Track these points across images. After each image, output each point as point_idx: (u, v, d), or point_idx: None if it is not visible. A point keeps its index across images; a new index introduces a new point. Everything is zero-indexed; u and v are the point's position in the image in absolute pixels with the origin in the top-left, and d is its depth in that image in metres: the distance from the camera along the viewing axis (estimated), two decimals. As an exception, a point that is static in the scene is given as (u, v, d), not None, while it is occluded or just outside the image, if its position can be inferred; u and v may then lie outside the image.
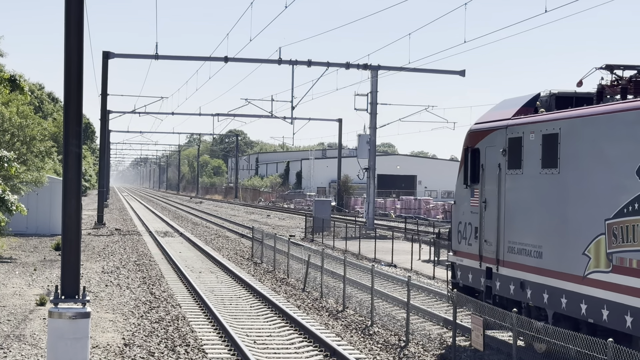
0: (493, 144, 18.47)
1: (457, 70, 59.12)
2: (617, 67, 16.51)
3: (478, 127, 19.41)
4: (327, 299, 25.88)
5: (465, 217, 19.78)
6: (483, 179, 18.93)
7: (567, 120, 15.88)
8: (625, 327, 13.78)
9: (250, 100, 72.34)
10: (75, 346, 13.22)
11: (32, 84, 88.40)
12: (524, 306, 17.07)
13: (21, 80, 28.22)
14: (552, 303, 15.93)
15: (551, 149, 16.22)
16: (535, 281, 16.51)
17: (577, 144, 15.50)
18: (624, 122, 14.23)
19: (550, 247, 16.13)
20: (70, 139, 13.67)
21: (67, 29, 13.59)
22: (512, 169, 17.66)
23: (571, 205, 15.57)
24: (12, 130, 40.53)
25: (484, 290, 18.60)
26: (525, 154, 17.17)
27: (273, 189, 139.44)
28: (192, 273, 32.37)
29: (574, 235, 15.37)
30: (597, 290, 14.60)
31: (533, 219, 16.87)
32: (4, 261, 34.60)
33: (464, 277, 19.68)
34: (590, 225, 14.89)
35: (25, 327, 19.93)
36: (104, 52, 60.04)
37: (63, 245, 13.81)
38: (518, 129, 17.47)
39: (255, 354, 17.76)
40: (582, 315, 15.01)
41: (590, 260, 14.85)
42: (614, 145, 14.50)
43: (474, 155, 19.37)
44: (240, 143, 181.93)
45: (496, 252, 18.09)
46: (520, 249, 17.19)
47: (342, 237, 49.05)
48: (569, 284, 15.38)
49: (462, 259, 19.88)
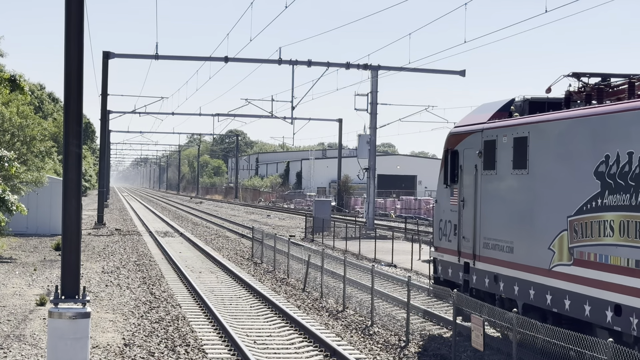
0: (470, 146, 19.56)
1: (457, 70, 59.11)
2: (584, 75, 17.57)
3: (457, 130, 20.52)
4: (327, 299, 25.88)
5: (445, 215, 20.87)
6: (461, 179, 20.06)
7: (535, 125, 16.97)
8: (584, 316, 14.95)
9: (251, 100, 72.36)
10: (75, 346, 13.22)
11: (33, 84, 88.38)
12: (497, 298, 18.13)
13: (21, 80, 28.25)
14: (521, 295, 17.02)
15: (521, 151, 17.33)
16: (507, 274, 17.63)
17: (543, 147, 16.61)
18: (584, 127, 15.37)
19: (520, 242, 17.25)
20: (71, 139, 13.67)
21: (67, 29, 13.59)
22: (487, 170, 18.77)
23: (538, 203, 16.68)
24: (12, 130, 40.54)
25: (462, 284, 19.69)
26: (498, 155, 18.29)
27: (273, 189, 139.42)
28: (192, 273, 32.37)
29: (541, 231, 16.46)
30: (561, 282, 15.73)
31: (505, 217, 17.97)
32: (4, 261, 34.60)
33: (445, 272, 20.82)
34: (555, 222, 15.97)
35: (25, 327, 19.94)
36: (104, 52, 60.03)
37: (63, 245, 13.81)
38: (492, 132, 18.58)
39: (255, 354, 17.76)
40: (548, 306, 16.07)
41: (555, 254, 15.94)
42: (574, 148, 15.60)
43: (453, 156, 20.50)
44: (240, 143, 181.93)
45: (473, 247, 19.20)
46: (494, 245, 18.30)
47: (342, 237, 49.04)
48: (537, 277, 16.51)
49: (442, 255, 21.00)
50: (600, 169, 14.76)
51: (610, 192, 14.47)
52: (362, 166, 58.71)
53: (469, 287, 19.41)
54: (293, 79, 75.42)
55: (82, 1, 13.65)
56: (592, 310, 14.73)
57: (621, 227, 14.13)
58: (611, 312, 14.28)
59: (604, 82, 17.21)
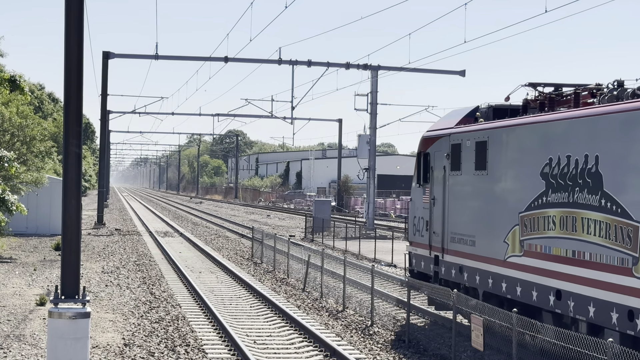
0: (440, 149, 21.38)
1: (457, 70, 59.09)
2: (539, 85, 19.10)
3: (429, 134, 22.37)
4: (327, 299, 25.88)
5: (418, 212, 22.79)
6: (432, 179, 21.91)
7: (493, 130, 18.77)
8: (532, 301, 16.80)
9: (250, 100, 72.35)
10: (75, 346, 13.22)
11: (32, 84, 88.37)
12: (462, 287, 19.91)
13: (21, 80, 28.22)
14: (482, 283, 18.95)
15: (482, 154, 19.15)
16: (470, 265, 19.56)
17: (500, 150, 18.46)
18: (531, 133, 17.22)
19: (481, 236, 19.17)
20: (70, 139, 13.66)
21: (67, 29, 13.59)
22: (454, 171, 20.59)
23: (496, 201, 18.60)
24: (12, 130, 40.54)
25: (433, 275, 21.58)
26: (463, 158, 20.08)
27: (273, 189, 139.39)
28: (192, 273, 32.37)
29: (498, 226, 18.32)
30: (513, 271, 17.61)
31: (469, 213, 19.87)
32: (4, 261, 34.59)
33: (418, 265, 22.73)
34: (509, 217, 17.84)
35: (25, 327, 19.94)
36: (104, 52, 60.01)
37: (63, 245, 13.81)
38: (458, 136, 20.36)
39: (255, 354, 17.76)
40: (503, 293, 17.99)
41: (509, 247, 17.83)
42: (525, 152, 17.42)
43: (425, 158, 22.34)
44: (240, 143, 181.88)
45: (442, 242, 21.09)
46: (460, 239, 20.19)
47: (342, 237, 49.03)
48: (494, 267, 18.42)
49: (416, 249, 22.90)
50: (545, 170, 16.52)
51: (553, 190, 16.26)
52: (362, 166, 58.69)
53: (438, 278, 21.22)
54: (293, 79, 75.46)
55: (82, 1, 13.65)
56: (539, 296, 16.59)
57: (561, 222, 15.96)
58: (553, 297, 16.10)
59: (556, 91, 18.67)
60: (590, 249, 15.09)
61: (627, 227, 14.11)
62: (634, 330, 13.76)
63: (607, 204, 14.66)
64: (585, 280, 15.10)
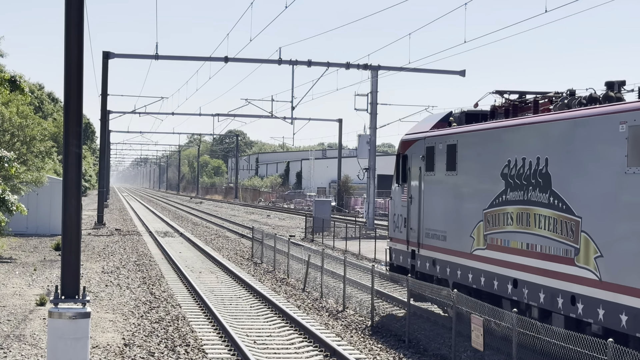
0: (416, 151, 23.03)
1: (457, 70, 59.09)
2: (505, 92, 20.58)
3: (407, 137, 23.97)
4: (327, 299, 25.87)
5: (397, 210, 24.49)
6: (409, 179, 23.56)
7: (462, 134, 20.48)
8: (494, 289, 18.51)
9: (250, 100, 72.35)
10: (75, 346, 13.22)
11: (32, 84, 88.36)
12: (435, 279, 21.63)
13: (21, 81, 28.22)
14: (452, 275, 20.66)
15: (452, 156, 20.83)
16: (442, 259, 21.28)
17: (467, 153, 20.15)
18: (493, 137, 18.97)
19: (451, 232, 20.89)
20: (71, 139, 13.66)
21: (67, 29, 13.59)
22: (428, 172, 22.25)
23: (464, 199, 20.32)
24: (12, 130, 40.54)
25: (410, 268, 23.26)
26: (436, 159, 21.76)
27: (273, 189, 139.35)
28: (192, 273, 32.37)
29: (465, 222, 20.02)
30: (478, 263, 19.32)
31: (441, 211, 21.55)
32: (4, 261, 34.59)
33: (397, 259, 24.48)
34: (475, 214, 19.53)
35: (25, 327, 19.93)
36: (104, 52, 59.99)
37: (63, 245, 13.81)
38: (432, 140, 22.05)
39: (255, 354, 17.76)
40: (470, 283, 19.62)
41: (474, 241, 19.54)
42: (488, 154, 19.11)
43: (404, 160, 24.00)
44: (240, 143, 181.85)
45: (418, 237, 22.82)
46: (433, 234, 21.89)
47: (342, 237, 49.02)
48: (462, 260, 20.12)
49: (395, 244, 24.70)
50: (505, 171, 18.22)
51: (511, 189, 17.97)
52: (362, 166, 58.72)
53: (415, 271, 22.95)
54: (293, 79, 75.49)
55: (82, 1, 13.65)
56: (499, 285, 18.31)
57: (518, 217, 17.65)
58: (511, 285, 17.79)
59: (520, 99, 20.11)
60: (540, 241, 16.79)
61: (570, 222, 15.83)
62: (575, 313, 15.51)
63: (554, 201, 16.38)
64: (537, 269, 16.86)
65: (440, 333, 20.25)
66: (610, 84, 16.88)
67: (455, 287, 19.88)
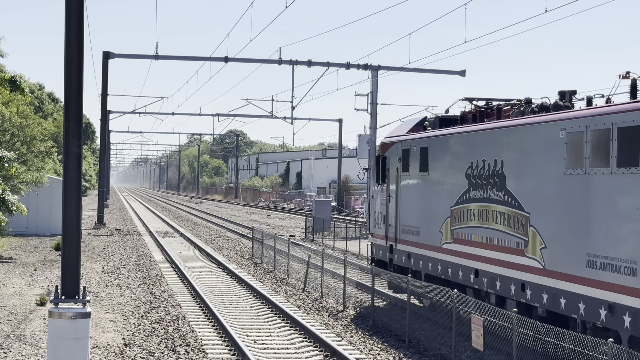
0: (394, 153, 24.87)
1: (457, 70, 58.99)
2: (474, 99, 22.17)
3: (386, 140, 26.07)
4: (327, 299, 25.88)
5: (377, 208, 26.45)
6: (388, 179, 25.43)
7: (432, 138, 22.42)
8: (459, 279, 20.40)
9: (251, 100, 72.29)
10: (75, 346, 13.22)
11: (32, 84, 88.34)
12: (410, 271, 23.14)
13: (22, 81, 28.21)
14: (424, 267, 22.54)
15: (424, 158, 22.70)
16: (415, 252, 23.14)
17: (437, 155, 22.07)
18: (459, 141, 20.84)
19: (423, 227, 22.72)
20: (71, 139, 13.66)
21: (67, 29, 13.59)
22: (404, 172, 24.09)
23: (434, 197, 22.16)
24: (12, 130, 40.53)
25: (389, 262, 25.09)
26: (411, 161, 23.61)
27: (273, 189, 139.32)
28: (192, 273, 32.37)
29: (435, 218, 21.88)
30: (446, 256, 21.17)
31: (415, 208, 23.42)
32: (4, 261, 34.59)
33: (377, 253, 26.37)
34: (443, 211, 21.39)
35: (25, 327, 19.93)
36: (104, 52, 59.92)
37: (63, 245, 13.81)
38: (408, 143, 23.93)
39: (255, 354, 17.76)
40: (439, 274, 21.48)
41: (443, 235, 21.40)
42: (454, 157, 21.04)
43: (383, 161, 25.88)
44: (240, 143, 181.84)
45: (395, 233, 24.65)
46: (408, 230, 23.71)
47: (342, 237, 49.02)
48: (432, 253, 21.98)
49: (376, 240, 26.60)
50: (468, 172, 20.08)
51: (474, 188, 19.82)
52: (362, 166, 58.64)
53: (392, 264, 24.82)
54: (293, 79, 75.37)
55: (82, 1, 13.65)
56: (463, 275, 20.16)
57: (479, 214, 19.56)
58: (473, 275, 19.64)
59: (487, 105, 21.60)
60: (497, 235, 18.69)
61: (521, 217, 17.71)
62: (525, 298, 17.36)
63: (508, 199, 18.32)
64: (494, 260, 18.71)
65: (440, 333, 20.25)
66: (563, 93, 18.55)
67: (427, 278, 21.91)
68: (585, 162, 15.55)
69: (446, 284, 20.33)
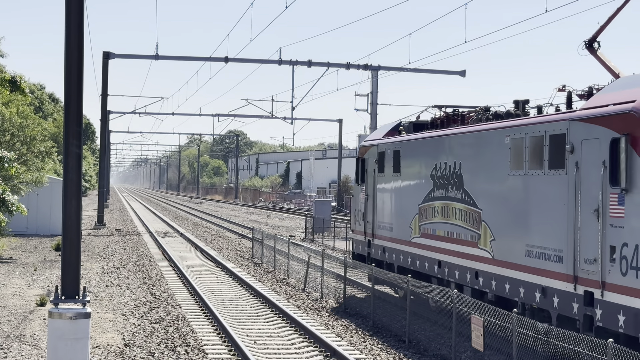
0: (372, 155, 26.86)
1: (457, 70, 59.06)
2: (442, 106, 24.09)
3: (365, 143, 28.11)
4: (327, 299, 25.87)
5: (357, 206, 28.48)
6: (367, 179, 27.41)
7: (404, 142, 24.44)
8: (425, 270, 22.27)
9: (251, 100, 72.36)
10: (75, 346, 13.21)
11: (33, 84, 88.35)
12: (385, 264, 25.35)
13: (22, 81, 28.22)
14: (396, 260, 24.44)
15: (397, 160, 24.67)
16: (389, 246, 25.13)
17: (407, 158, 24.06)
18: (426, 145, 22.83)
19: (396, 223, 24.65)
20: (71, 139, 13.66)
21: (68, 29, 13.58)
22: (380, 173, 26.06)
23: (405, 196, 24.07)
24: (12, 130, 40.52)
25: (367, 256, 27.08)
26: (385, 163, 25.57)
27: (273, 190, 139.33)
28: (192, 273, 32.36)
29: (406, 215, 23.80)
30: (415, 249, 23.13)
31: (389, 206, 25.32)
32: (4, 261, 34.59)
33: (357, 248, 28.47)
34: (412, 208, 23.34)
35: (25, 327, 19.93)
36: (104, 53, 59.97)
37: (63, 245, 13.80)
38: (383, 146, 25.94)
39: (255, 354, 17.76)
40: (409, 266, 23.38)
41: (412, 230, 23.34)
42: (421, 159, 23.03)
43: (362, 163, 27.91)
44: (240, 143, 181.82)
45: (372, 229, 26.71)
46: (384, 226, 25.70)
47: (343, 238, 49.01)
48: (404, 246, 23.95)
49: (356, 235, 28.70)
50: (433, 173, 22.08)
51: (437, 188, 21.83)
52: (362, 166, 58.64)
53: (370, 258, 26.66)
54: (293, 79, 75.62)
55: (82, 1, 13.65)
56: (429, 266, 22.14)
57: (442, 210, 21.54)
58: (437, 266, 21.62)
59: (453, 112, 23.11)
60: (456, 229, 20.71)
61: (475, 213, 19.79)
62: (478, 285, 19.34)
63: (465, 197, 20.30)
64: (454, 252, 20.71)
65: (440, 333, 20.25)
66: (517, 102, 20.12)
67: (399, 270, 23.83)
68: (525, 165, 17.59)
69: (414, 274, 22.25)
